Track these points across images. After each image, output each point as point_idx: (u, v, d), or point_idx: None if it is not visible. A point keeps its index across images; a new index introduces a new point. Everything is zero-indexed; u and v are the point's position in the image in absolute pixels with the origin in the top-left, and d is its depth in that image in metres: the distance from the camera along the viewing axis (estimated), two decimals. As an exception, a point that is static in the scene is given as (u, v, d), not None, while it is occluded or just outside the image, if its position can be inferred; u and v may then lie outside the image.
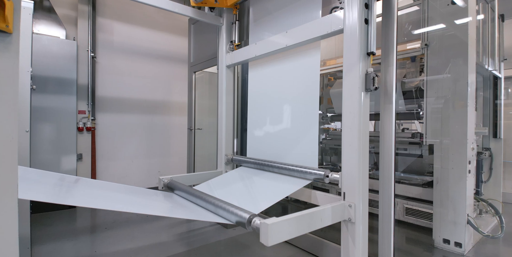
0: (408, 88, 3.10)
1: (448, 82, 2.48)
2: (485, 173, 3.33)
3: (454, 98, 2.43)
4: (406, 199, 3.06)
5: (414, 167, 3.36)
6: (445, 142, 2.50)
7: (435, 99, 2.54)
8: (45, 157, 3.41)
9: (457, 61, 2.44)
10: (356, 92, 1.78)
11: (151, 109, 4.65)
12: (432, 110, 2.58)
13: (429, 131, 2.59)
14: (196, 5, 2.77)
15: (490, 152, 3.41)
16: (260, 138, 2.75)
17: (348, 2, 1.84)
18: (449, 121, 2.47)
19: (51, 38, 3.47)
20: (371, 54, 1.81)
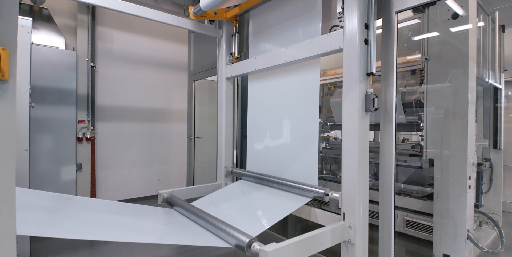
0: (408, 100, 3.10)
1: (448, 96, 2.48)
2: (485, 184, 3.32)
3: (454, 113, 2.42)
4: (406, 211, 3.05)
5: (414, 178, 3.35)
6: (445, 156, 2.49)
7: (435, 114, 2.53)
8: (44, 167, 3.41)
9: (457, 75, 2.43)
10: (356, 113, 1.77)
11: (150, 117, 4.64)
12: (432, 125, 2.57)
13: (429, 145, 2.59)
14: (196, 18, 2.76)
15: (490, 163, 3.40)
16: (260, 151, 2.75)
17: (348, 22, 1.84)
18: (449, 137, 2.46)
19: (50, 49, 3.47)
20: (371, 75, 1.81)
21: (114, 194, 4.29)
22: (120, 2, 2.39)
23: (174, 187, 4.87)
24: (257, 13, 2.79)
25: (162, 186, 4.77)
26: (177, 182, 4.91)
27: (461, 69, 2.43)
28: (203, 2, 2.50)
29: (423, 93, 2.83)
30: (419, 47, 2.80)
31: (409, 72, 3.03)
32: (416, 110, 3.09)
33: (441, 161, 2.53)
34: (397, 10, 1.85)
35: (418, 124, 3.13)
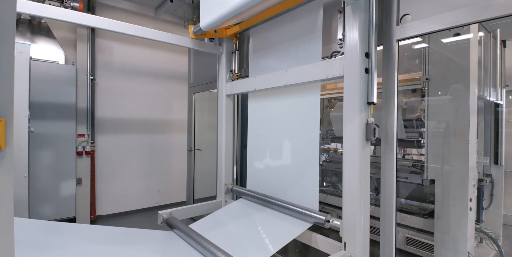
0: (409, 117, 3.09)
1: (449, 117, 2.47)
2: (485, 200, 3.31)
3: (455, 134, 2.41)
4: (407, 228, 3.04)
5: (415, 194, 3.34)
6: (446, 178, 2.49)
7: (435, 135, 2.52)
8: (44, 183, 3.40)
9: (458, 97, 2.42)
10: (357, 143, 1.76)
11: (150, 128, 4.63)
12: (432, 145, 2.56)
13: (430, 167, 2.58)
14: (196, 37, 2.75)
15: (491, 178, 3.39)
16: (260, 170, 2.74)
17: (348, 50, 1.83)
18: (450, 158, 2.46)
19: (50, 64, 3.46)
20: (372, 104, 1.80)
21: (114, 206, 4.28)
22: (120, 24, 2.38)
23: (174, 198, 4.91)
24: (258, 31, 2.78)
25: (162, 197, 4.77)
26: (177, 193, 4.90)
27: (462, 91, 2.42)
28: (203, 22, 2.49)
29: (424, 111, 2.82)
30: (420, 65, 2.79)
31: (410, 90, 3.01)
32: (417, 126, 3.07)
33: (442, 182, 2.52)
34: (398, 39, 1.84)
35: (419, 141, 3.12)
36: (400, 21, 1.84)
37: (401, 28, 1.81)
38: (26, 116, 2.02)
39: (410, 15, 1.80)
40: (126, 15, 4.33)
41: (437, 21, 1.64)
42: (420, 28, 1.72)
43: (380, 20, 1.91)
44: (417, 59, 2.95)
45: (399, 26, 1.83)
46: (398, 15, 1.84)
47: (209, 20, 2.42)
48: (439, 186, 2.53)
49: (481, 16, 1.48)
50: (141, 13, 4.43)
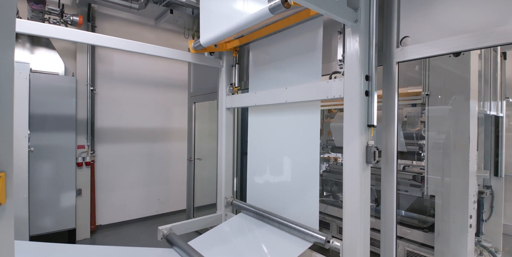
0: (409, 131, 3.08)
1: (449, 134, 2.47)
2: (485, 212, 3.31)
3: (456, 150, 2.41)
4: (407, 241, 3.04)
5: (415, 206, 3.34)
6: (446, 194, 2.49)
7: (436, 153, 2.52)
8: (44, 195, 3.39)
9: (458, 114, 2.42)
10: (357, 165, 1.76)
11: (150, 136, 4.63)
12: (433, 162, 2.56)
13: (431, 184, 2.58)
14: (196, 52, 2.75)
15: (491, 190, 3.39)
16: (260, 185, 2.74)
17: (348, 72, 1.83)
18: (451, 175, 2.45)
19: (50, 76, 3.45)
20: (372, 127, 1.80)
21: (114, 216, 4.28)
22: (120, 41, 2.38)
23: (174, 207, 4.91)
24: (258, 45, 2.78)
25: (162, 205, 4.77)
26: (177, 201, 4.90)
27: (462, 107, 2.42)
28: (203, 39, 2.49)
29: (424, 126, 2.82)
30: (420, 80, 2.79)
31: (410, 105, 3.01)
32: (417, 138, 3.07)
33: (442, 198, 2.52)
34: (398, 61, 1.83)
35: (419, 153, 3.12)
36: (400, 43, 1.84)
37: (401, 51, 1.81)
38: (26, 136, 2.01)
39: (410, 37, 1.80)
40: (126, 24, 4.33)
41: (437, 45, 1.64)
42: (420, 52, 1.72)
43: (380, 41, 1.91)
44: (417, 65, 2.95)
45: (399, 48, 1.82)
46: (398, 37, 1.84)
47: (209, 37, 2.42)
48: (439, 202, 2.54)
49: (482, 43, 1.48)
50: (141, 22, 4.43)
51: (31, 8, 2.56)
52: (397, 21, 1.83)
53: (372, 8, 1.78)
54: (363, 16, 1.77)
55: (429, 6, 1.69)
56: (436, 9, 1.67)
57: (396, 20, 1.83)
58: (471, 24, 1.53)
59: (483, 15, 1.49)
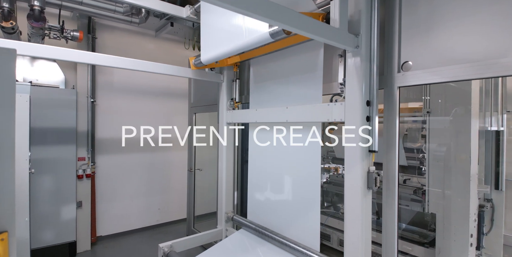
0: (410, 147, 3.08)
1: (450, 154, 2.47)
2: (486, 226, 3.30)
3: (457, 171, 2.41)
4: (408, 256, 3.04)
5: (416, 219, 3.34)
6: (446, 212, 2.48)
7: (437, 170, 2.52)
8: (45, 208, 3.40)
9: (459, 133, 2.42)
10: (358, 191, 1.76)
11: (150, 146, 4.62)
12: (434, 179, 2.56)
13: (431, 201, 2.58)
14: (196, 68, 2.75)
15: (492, 203, 3.39)
16: (261, 202, 2.73)
17: (349, 97, 1.82)
18: (452, 193, 2.45)
19: (50, 89, 3.45)
20: (373, 152, 1.80)
21: (115, 226, 4.28)
22: (120, 59, 2.38)
23: (175, 216, 4.91)
24: (259, 61, 2.77)
25: (162, 215, 4.77)
26: (177, 210, 4.90)
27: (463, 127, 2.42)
28: (204, 57, 2.49)
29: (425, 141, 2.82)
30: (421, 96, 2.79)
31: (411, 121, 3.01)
32: (418, 153, 3.07)
33: (443, 217, 2.52)
34: (399, 86, 1.83)
35: (420, 168, 3.12)
36: (401, 68, 1.84)
37: (403, 76, 1.80)
38: (27, 159, 2.01)
39: (411, 63, 1.80)
40: (127, 34, 4.33)
41: (438, 73, 1.63)
42: (421, 79, 1.71)
43: (381, 64, 1.91)
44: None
45: (400, 73, 1.82)
46: (399, 62, 1.84)
47: (209, 56, 2.42)
48: (440, 220, 2.54)
49: (484, 74, 1.48)
50: (142, 32, 4.43)
51: (31, 25, 2.56)
52: (398, 46, 1.83)
53: (373, 34, 1.78)
54: (364, 41, 1.77)
55: (431, 33, 1.69)
56: (437, 37, 1.67)
57: (397, 45, 1.83)
58: (473, 54, 1.52)
59: (486, 45, 1.48)
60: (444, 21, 1.64)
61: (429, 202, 2.62)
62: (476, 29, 1.52)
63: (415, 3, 1.77)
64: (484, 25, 1.49)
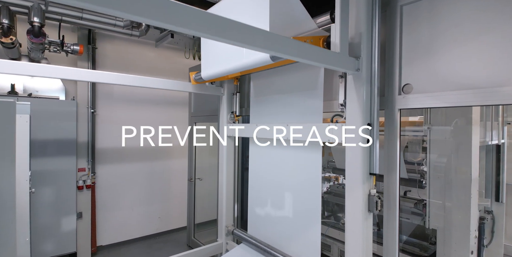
0: (410, 161, 3.08)
1: (450, 170, 2.46)
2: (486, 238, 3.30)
3: (458, 188, 2.41)
4: (409, 270, 3.04)
5: (417, 231, 3.34)
6: (447, 229, 2.48)
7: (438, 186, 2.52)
8: (45, 220, 3.40)
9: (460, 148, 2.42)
10: (359, 214, 1.76)
11: (151, 155, 4.62)
12: (434, 196, 2.55)
13: (432, 217, 2.57)
14: (197, 83, 2.74)
15: (492, 215, 3.38)
16: (261, 217, 2.73)
17: (350, 119, 1.82)
18: (452, 210, 2.45)
19: (50, 101, 3.45)
20: (374, 175, 1.79)
21: (115, 236, 4.28)
22: (120, 76, 2.37)
23: (175, 224, 4.91)
24: (259, 76, 2.77)
25: (162, 223, 4.77)
26: (177, 219, 4.90)
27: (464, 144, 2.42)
28: (204, 74, 2.49)
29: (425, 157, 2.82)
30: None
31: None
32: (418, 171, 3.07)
33: (444, 233, 2.52)
34: (400, 108, 1.83)
35: (421, 181, 3.11)
36: (402, 90, 1.83)
37: (403, 99, 1.80)
38: (27, 180, 2.01)
39: (412, 85, 1.79)
40: (127, 43, 4.32)
41: (439, 98, 1.63)
42: (422, 103, 1.71)
43: (382, 86, 1.90)
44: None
45: (401, 95, 1.82)
46: (400, 84, 1.84)
47: (210, 73, 2.42)
48: (441, 236, 2.53)
49: (486, 101, 1.48)
50: (142, 42, 4.42)
51: (30, 41, 2.56)
52: (399, 68, 1.83)
53: (374, 56, 1.77)
54: (365, 64, 1.76)
55: (432, 57, 1.69)
56: (438, 61, 1.66)
57: (398, 67, 1.83)
58: (475, 80, 1.52)
59: (488, 72, 1.48)
60: (446, 46, 1.64)
61: (429, 217, 2.61)
62: (478, 55, 1.51)
63: (416, 27, 1.76)
64: (486, 51, 1.48)
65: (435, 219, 2.58)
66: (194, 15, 0.98)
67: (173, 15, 0.94)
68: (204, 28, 1.02)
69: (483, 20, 1.50)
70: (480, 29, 1.51)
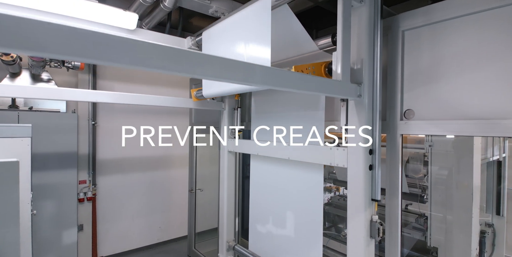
0: (411, 176, 3.08)
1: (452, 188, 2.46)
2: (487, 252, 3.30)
3: (459, 208, 2.41)
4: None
5: (418, 245, 3.34)
6: (448, 247, 2.48)
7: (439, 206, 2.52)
8: (46, 234, 3.39)
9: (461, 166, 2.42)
10: (361, 241, 1.75)
11: (152, 165, 4.62)
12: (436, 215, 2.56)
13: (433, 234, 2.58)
14: (198, 100, 2.74)
15: (493, 228, 3.39)
16: (263, 234, 2.73)
17: (352, 144, 1.81)
18: (453, 229, 2.45)
19: (51, 114, 3.45)
20: (376, 201, 1.79)
21: (116, 246, 4.28)
22: (121, 95, 2.37)
23: (175, 233, 4.90)
24: (260, 92, 2.77)
25: (163, 233, 4.77)
26: (178, 228, 4.90)
27: (465, 159, 2.42)
28: (205, 92, 2.48)
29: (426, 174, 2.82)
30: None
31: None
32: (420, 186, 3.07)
33: (445, 250, 2.52)
34: (402, 133, 1.83)
35: (422, 196, 3.11)
36: (404, 115, 1.83)
37: (405, 124, 1.80)
38: (29, 203, 2.02)
39: (414, 110, 1.80)
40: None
41: (441, 126, 1.63)
42: (424, 129, 1.71)
43: (384, 110, 1.90)
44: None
45: (403, 121, 1.82)
46: (401, 109, 1.84)
47: (211, 92, 2.42)
48: (442, 253, 2.54)
49: (488, 133, 1.48)
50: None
51: (31, 59, 2.56)
52: (401, 94, 1.83)
53: (376, 82, 1.77)
54: (367, 90, 1.76)
55: (433, 84, 1.69)
56: (440, 89, 1.66)
57: (399, 93, 1.83)
58: (476, 111, 1.52)
59: (490, 103, 1.48)
60: (447, 74, 1.64)
61: (431, 235, 2.61)
62: (481, 85, 1.51)
63: (418, 53, 1.76)
64: (489, 82, 1.48)
65: (436, 236, 2.58)
66: (194, 58, 0.97)
67: (178, 61, 0.93)
68: (201, 71, 1.00)
69: (486, 50, 1.50)
70: (483, 59, 1.51)
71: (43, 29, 0.67)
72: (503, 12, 1.43)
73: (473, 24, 1.54)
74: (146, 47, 0.86)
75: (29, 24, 0.66)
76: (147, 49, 0.87)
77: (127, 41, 0.82)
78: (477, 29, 1.53)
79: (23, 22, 0.65)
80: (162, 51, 0.90)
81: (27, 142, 1.95)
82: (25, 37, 0.65)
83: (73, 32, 0.72)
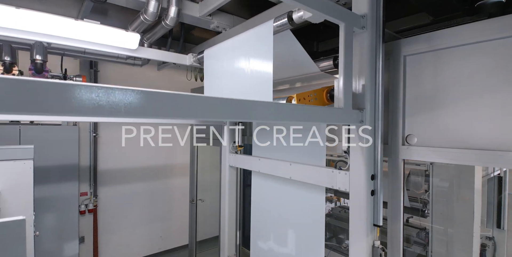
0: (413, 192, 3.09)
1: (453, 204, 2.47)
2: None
3: (460, 225, 2.41)
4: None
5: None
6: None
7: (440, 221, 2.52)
8: (47, 246, 3.40)
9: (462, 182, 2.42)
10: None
11: (153, 174, 4.63)
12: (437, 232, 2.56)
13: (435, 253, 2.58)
14: (199, 117, 2.74)
15: (493, 241, 3.39)
16: (264, 251, 2.73)
17: (354, 169, 1.82)
18: (454, 247, 2.45)
19: (52, 128, 3.45)
20: (378, 227, 1.80)
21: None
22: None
23: (176, 243, 4.91)
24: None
25: (164, 243, 4.77)
26: (179, 237, 4.91)
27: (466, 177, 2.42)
28: (207, 111, 2.48)
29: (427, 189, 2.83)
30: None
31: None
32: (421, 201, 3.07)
33: (446, 269, 2.53)
34: (404, 158, 1.83)
35: (423, 211, 3.11)
36: (406, 140, 1.84)
37: (407, 149, 1.80)
38: (32, 225, 2.02)
39: (415, 136, 1.80)
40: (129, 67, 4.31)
41: (442, 154, 1.63)
42: (425, 156, 1.72)
43: (386, 134, 1.90)
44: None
45: (404, 146, 1.82)
46: (403, 134, 1.84)
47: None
48: (444, 272, 2.54)
49: (490, 163, 1.48)
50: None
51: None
52: (402, 119, 1.83)
53: (378, 107, 1.77)
54: (369, 116, 1.76)
55: (435, 111, 1.69)
56: (442, 116, 1.66)
57: (401, 117, 1.83)
58: (478, 141, 1.52)
59: (492, 134, 1.48)
60: (449, 101, 1.64)
61: (432, 253, 2.62)
62: (483, 115, 1.51)
63: (420, 79, 1.77)
64: (491, 112, 1.48)
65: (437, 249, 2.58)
66: (194, 102, 0.97)
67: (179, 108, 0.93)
68: (202, 113, 1.00)
69: (489, 80, 1.50)
70: (486, 88, 1.51)
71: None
72: (507, 42, 1.43)
73: (476, 53, 1.55)
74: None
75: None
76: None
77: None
78: (480, 58, 1.53)
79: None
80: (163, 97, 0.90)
81: (30, 164, 1.95)
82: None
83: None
